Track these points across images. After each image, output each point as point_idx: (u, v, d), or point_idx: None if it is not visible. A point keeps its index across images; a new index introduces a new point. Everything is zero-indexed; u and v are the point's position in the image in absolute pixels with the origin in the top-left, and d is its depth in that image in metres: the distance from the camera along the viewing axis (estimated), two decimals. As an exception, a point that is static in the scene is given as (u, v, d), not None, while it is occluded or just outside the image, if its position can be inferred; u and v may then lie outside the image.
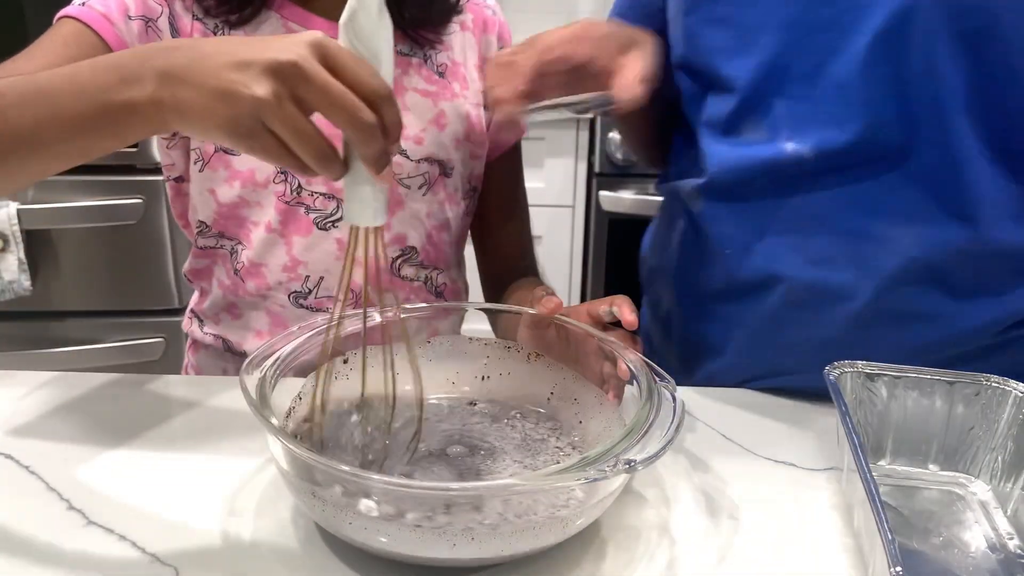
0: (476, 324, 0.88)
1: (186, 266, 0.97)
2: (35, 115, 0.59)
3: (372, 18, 0.56)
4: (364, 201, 0.59)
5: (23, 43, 0.76)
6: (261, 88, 0.52)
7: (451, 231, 0.96)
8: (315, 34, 0.54)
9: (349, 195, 0.59)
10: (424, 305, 0.81)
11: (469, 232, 1.03)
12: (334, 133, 0.55)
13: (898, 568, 0.49)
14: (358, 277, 0.63)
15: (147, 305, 1.84)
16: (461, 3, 0.94)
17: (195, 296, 0.99)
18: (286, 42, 0.53)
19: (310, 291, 0.90)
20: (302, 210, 0.87)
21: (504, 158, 1.01)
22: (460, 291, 1.01)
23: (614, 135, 1.86)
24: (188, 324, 0.99)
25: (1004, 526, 0.65)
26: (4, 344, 1.83)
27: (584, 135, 1.92)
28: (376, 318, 0.74)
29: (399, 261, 0.92)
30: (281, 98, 0.52)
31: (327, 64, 0.53)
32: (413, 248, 0.93)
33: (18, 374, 0.84)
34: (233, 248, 0.90)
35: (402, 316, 0.76)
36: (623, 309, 0.71)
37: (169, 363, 1.84)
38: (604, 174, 1.91)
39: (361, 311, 0.71)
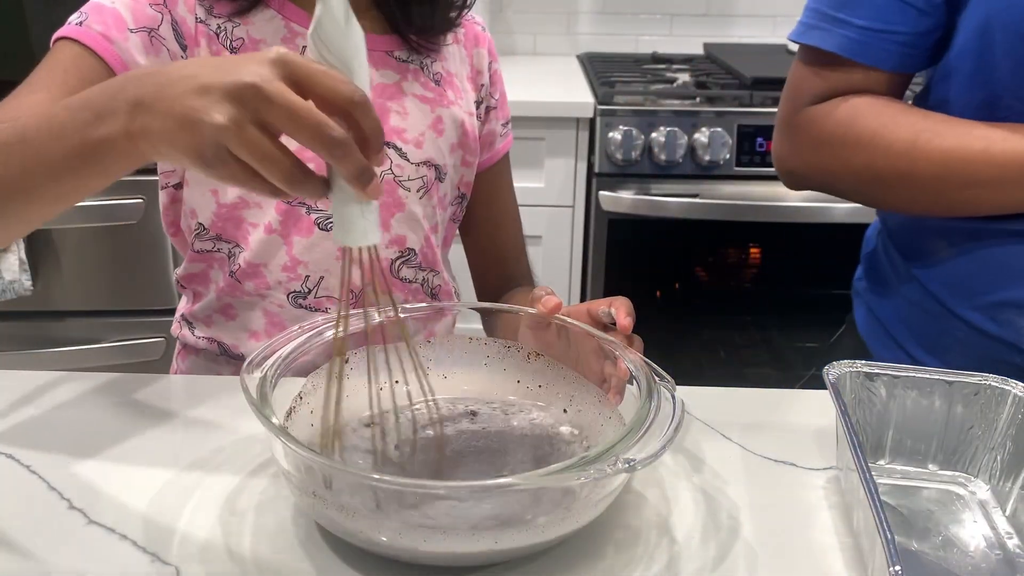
0: (469, 323, 0.88)
1: (179, 271, 0.96)
2: (22, 164, 0.59)
3: (339, 25, 0.53)
4: (352, 221, 0.56)
5: (23, 42, 0.76)
6: (220, 114, 0.50)
7: (438, 235, 0.97)
8: (278, 50, 0.52)
9: (336, 215, 0.56)
10: (423, 305, 0.81)
11: (461, 240, 1.04)
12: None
13: (897, 567, 0.49)
14: (357, 279, 0.62)
15: (147, 305, 1.84)
16: (463, 13, 0.94)
17: (185, 301, 0.98)
18: (248, 62, 0.52)
19: (310, 291, 0.90)
20: (304, 210, 0.87)
21: (495, 168, 1.02)
22: (452, 293, 1.02)
23: (614, 135, 1.86)
24: (178, 329, 0.98)
25: (1003, 525, 0.65)
26: (4, 344, 1.83)
27: (584, 135, 1.92)
28: (376, 318, 0.75)
29: (398, 263, 0.92)
30: (241, 124, 0.51)
31: (293, 80, 0.52)
32: (412, 250, 0.93)
33: (18, 374, 0.84)
34: (231, 251, 0.90)
35: (401, 316, 0.76)
36: (619, 312, 0.71)
37: (169, 363, 1.84)
38: (604, 174, 1.91)
39: (361, 311, 0.71)
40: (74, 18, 0.80)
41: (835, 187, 0.88)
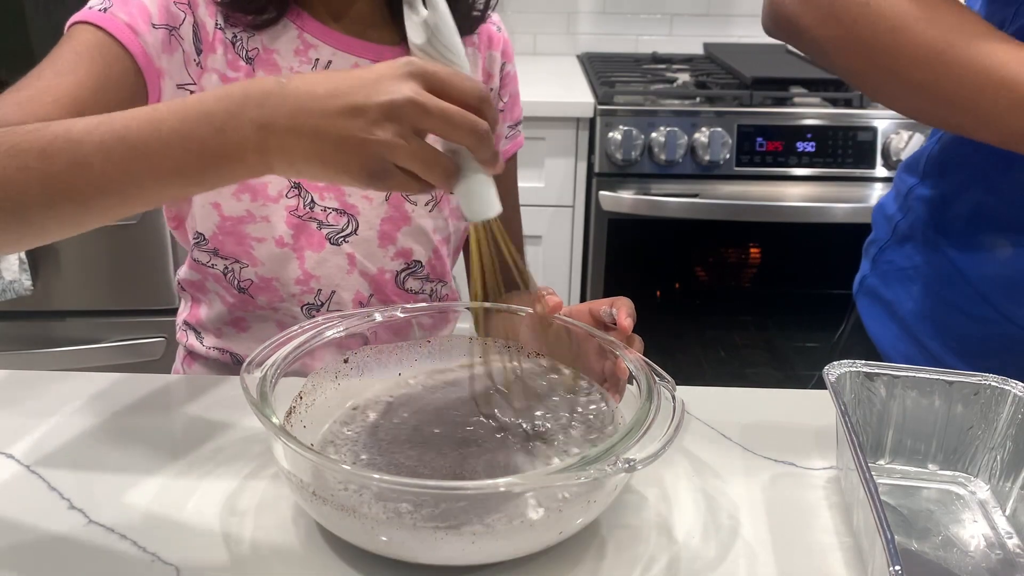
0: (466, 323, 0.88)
1: (181, 274, 0.95)
2: (125, 167, 0.58)
3: (451, 27, 0.58)
4: (484, 196, 0.60)
5: (24, 43, 0.76)
6: (386, 132, 0.54)
7: (451, 244, 0.97)
8: (409, 61, 0.56)
9: (467, 196, 0.60)
10: (423, 305, 0.81)
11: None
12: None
13: (897, 567, 0.49)
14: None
15: (147, 305, 1.84)
16: (486, 14, 0.93)
17: (186, 306, 0.97)
18: (388, 79, 0.55)
19: (323, 303, 0.90)
20: (314, 225, 0.87)
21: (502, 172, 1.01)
22: (456, 300, 1.02)
23: (614, 135, 1.86)
24: (183, 336, 0.98)
25: (1003, 525, 0.65)
26: (4, 344, 1.83)
27: (584, 135, 1.92)
28: (377, 317, 0.75)
29: (403, 274, 0.93)
30: (407, 137, 0.54)
31: (432, 87, 0.55)
32: (418, 262, 0.93)
33: (19, 374, 0.84)
34: (228, 268, 0.88)
35: (401, 315, 0.77)
36: (620, 312, 0.71)
37: (169, 363, 1.84)
38: (604, 174, 1.91)
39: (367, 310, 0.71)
40: (96, 3, 0.76)
41: (828, 61, 0.80)
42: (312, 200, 0.86)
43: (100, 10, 0.76)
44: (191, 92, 0.81)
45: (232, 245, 0.87)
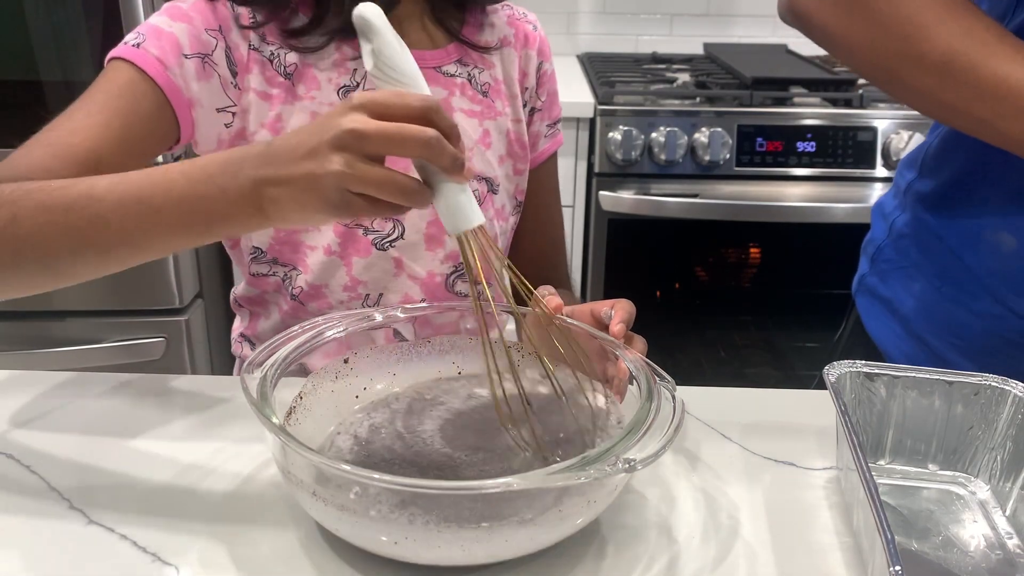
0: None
1: (238, 291, 0.96)
2: (139, 224, 0.65)
3: (396, 47, 0.60)
4: (459, 207, 0.61)
5: (24, 43, 0.76)
6: (334, 164, 0.57)
7: (499, 245, 0.96)
8: (351, 96, 0.59)
9: (443, 211, 0.61)
10: (423, 304, 0.81)
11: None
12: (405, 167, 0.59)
13: (897, 567, 0.49)
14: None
15: (147, 305, 1.84)
16: None
17: (243, 322, 0.98)
18: (334, 116, 0.58)
19: (371, 308, 0.90)
20: (361, 231, 0.88)
21: (539, 169, 1.01)
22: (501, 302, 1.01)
23: (614, 135, 1.86)
24: (239, 348, 0.99)
25: (1003, 525, 0.65)
26: (4, 344, 1.83)
27: (584, 135, 1.92)
28: (377, 317, 0.75)
29: (452, 277, 0.93)
30: (353, 165, 0.57)
31: (376, 113, 0.58)
32: None
33: (19, 374, 0.84)
34: (287, 275, 0.90)
35: (401, 315, 0.77)
36: (615, 317, 0.71)
37: (169, 363, 1.84)
38: (604, 174, 1.91)
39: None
40: (131, 38, 0.80)
41: (843, 56, 0.82)
42: None
43: (134, 45, 0.79)
44: (232, 114, 0.84)
45: (289, 253, 0.89)
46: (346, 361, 0.74)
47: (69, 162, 0.73)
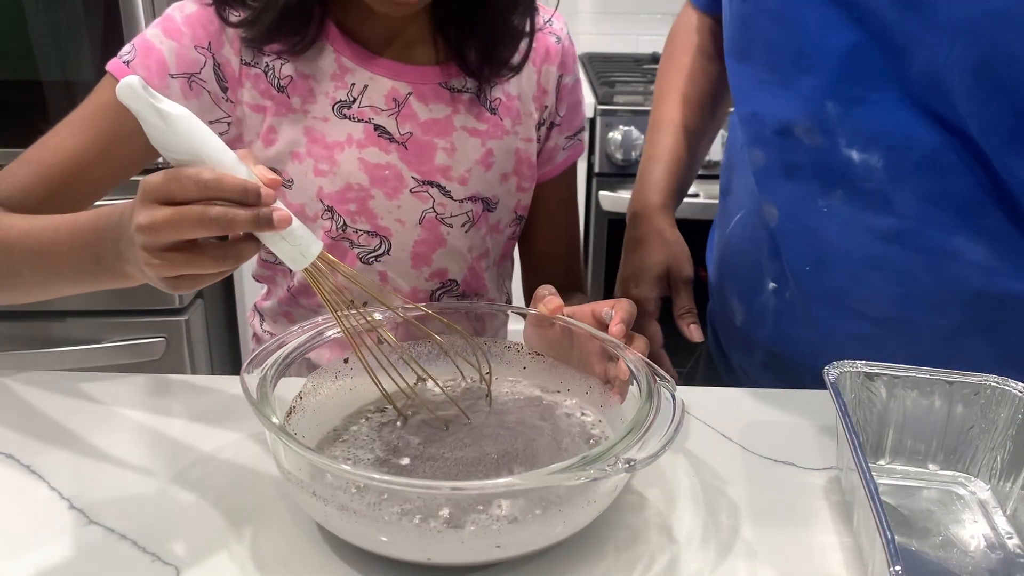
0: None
1: (253, 269, 0.98)
2: (44, 276, 0.73)
3: (160, 128, 0.57)
4: (287, 253, 0.62)
5: (24, 42, 0.77)
6: (142, 259, 0.60)
7: (491, 257, 0.95)
8: (142, 184, 0.59)
9: (280, 254, 0.62)
10: (423, 304, 0.81)
11: (517, 245, 1.02)
12: None
13: (898, 567, 0.49)
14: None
15: (147, 305, 1.84)
16: (530, 44, 0.89)
17: (262, 291, 1.01)
18: (130, 213, 0.61)
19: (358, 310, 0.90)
20: (347, 244, 0.88)
21: (555, 180, 0.99)
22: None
23: (614, 135, 1.86)
24: (251, 318, 1.02)
25: (1003, 525, 0.65)
26: (4, 344, 1.83)
27: (584, 135, 1.92)
28: (377, 317, 0.75)
29: (439, 292, 0.93)
30: (156, 255, 0.59)
31: (160, 200, 0.58)
32: (453, 281, 0.92)
33: (20, 374, 0.84)
34: (288, 268, 0.90)
35: (401, 316, 0.76)
36: (615, 317, 0.71)
37: (169, 363, 1.84)
38: (604, 174, 1.91)
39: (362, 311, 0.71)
40: (125, 51, 0.82)
41: None
42: (344, 223, 0.86)
43: (124, 62, 0.81)
44: (228, 123, 0.84)
45: None
46: (346, 361, 0.74)
47: (50, 182, 0.80)
